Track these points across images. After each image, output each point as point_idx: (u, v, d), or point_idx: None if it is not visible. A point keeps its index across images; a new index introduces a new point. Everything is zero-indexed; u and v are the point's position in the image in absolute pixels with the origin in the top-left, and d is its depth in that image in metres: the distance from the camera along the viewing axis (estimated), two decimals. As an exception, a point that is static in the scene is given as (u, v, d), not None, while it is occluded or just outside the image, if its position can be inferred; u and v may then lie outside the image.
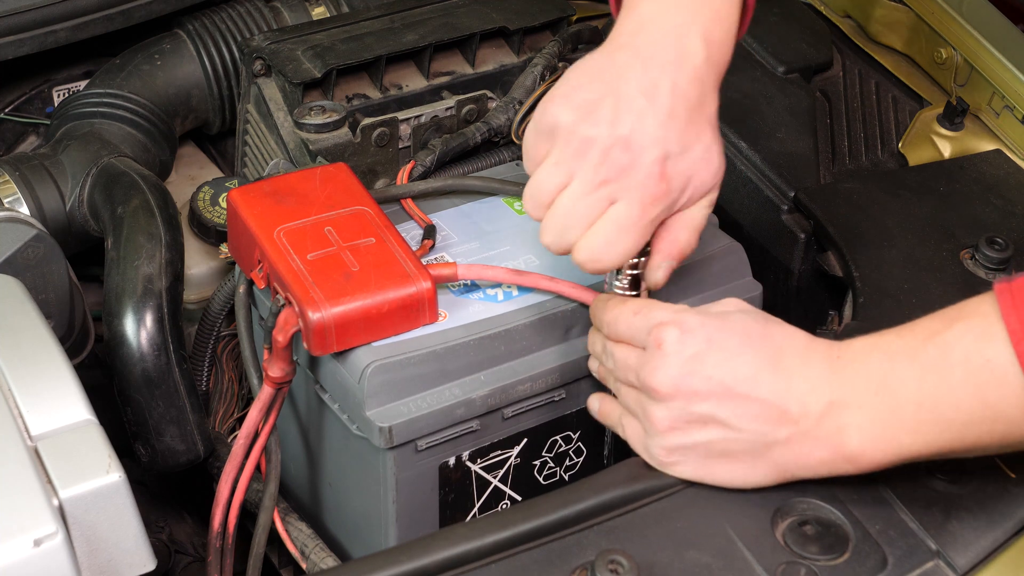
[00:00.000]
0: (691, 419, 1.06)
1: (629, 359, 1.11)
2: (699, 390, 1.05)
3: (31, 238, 1.30)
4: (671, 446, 1.07)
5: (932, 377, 1.01)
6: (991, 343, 0.99)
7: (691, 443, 1.06)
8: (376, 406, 1.19)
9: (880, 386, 1.03)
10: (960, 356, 1.00)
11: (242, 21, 1.64)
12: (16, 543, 0.98)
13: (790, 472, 1.06)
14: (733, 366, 1.05)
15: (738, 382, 1.05)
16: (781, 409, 1.04)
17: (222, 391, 1.47)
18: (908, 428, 1.02)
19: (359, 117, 1.46)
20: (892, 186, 1.43)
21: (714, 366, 1.05)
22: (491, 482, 1.27)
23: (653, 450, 1.09)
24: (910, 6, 1.63)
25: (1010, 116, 1.51)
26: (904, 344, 1.04)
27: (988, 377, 0.99)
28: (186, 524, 1.53)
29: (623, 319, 1.13)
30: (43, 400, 1.08)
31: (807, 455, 1.05)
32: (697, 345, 1.06)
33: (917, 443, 1.02)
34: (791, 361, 1.06)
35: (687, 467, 1.08)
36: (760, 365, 1.05)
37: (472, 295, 1.27)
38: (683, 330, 1.07)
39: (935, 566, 1.05)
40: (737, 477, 1.07)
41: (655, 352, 1.07)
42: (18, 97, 1.64)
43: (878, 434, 1.03)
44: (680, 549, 1.04)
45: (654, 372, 1.07)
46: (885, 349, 1.04)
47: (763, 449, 1.05)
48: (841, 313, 1.34)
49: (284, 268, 1.22)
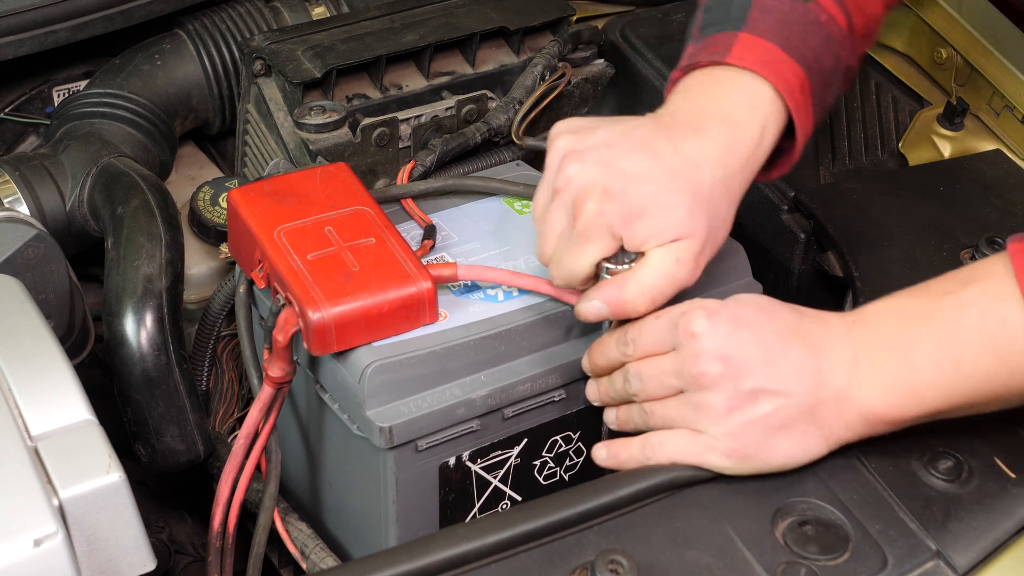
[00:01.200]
0: (744, 396, 1.07)
1: (663, 364, 1.11)
2: (742, 365, 1.07)
3: (31, 238, 1.30)
4: (735, 429, 1.07)
5: (948, 336, 1.04)
6: (1006, 302, 1.02)
7: (751, 420, 1.07)
8: (376, 406, 1.19)
9: (897, 345, 1.06)
10: (975, 316, 1.04)
11: (242, 21, 1.64)
12: (16, 543, 0.98)
13: (835, 436, 1.08)
14: (763, 337, 1.08)
15: (773, 350, 1.07)
16: (815, 367, 1.07)
17: (222, 391, 1.47)
18: (928, 384, 1.05)
19: (359, 117, 1.46)
20: (892, 186, 1.44)
21: (748, 340, 1.08)
22: (491, 482, 1.27)
23: (719, 442, 1.08)
24: (910, 6, 1.63)
25: (1010, 116, 1.51)
26: (919, 305, 1.07)
27: (1004, 335, 1.02)
28: (186, 524, 1.53)
29: (645, 328, 1.13)
30: (43, 400, 1.08)
31: (845, 412, 1.07)
32: (727, 324, 1.08)
33: (939, 399, 1.05)
34: (810, 326, 1.09)
35: (754, 451, 1.08)
36: (785, 333, 1.08)
37: (472, 295, 1.27)
38: (709, 312, 1.09)
39: (935, 566, 1.05)
40: (798, 450, 1.08)
41: (690, 341, 1.08)
42: (18, 97, 1.64)
43: (899, 391, 1.06)
44: (680, 549, 1.04)
45: (697, 359, 1.08)
46: (899, 311, 1.08)
47: (811, 411, 1.07)
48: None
49: (284, 268, 1.22)
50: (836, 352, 1.07)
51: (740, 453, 1.08)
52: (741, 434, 1.07)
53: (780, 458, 1.08)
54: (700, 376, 1.08)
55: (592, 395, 1.21)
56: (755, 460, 1.08)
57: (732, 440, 1.08)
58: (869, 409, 1.07)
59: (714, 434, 1.08)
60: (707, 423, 1.08)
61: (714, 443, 1.08)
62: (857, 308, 1.10)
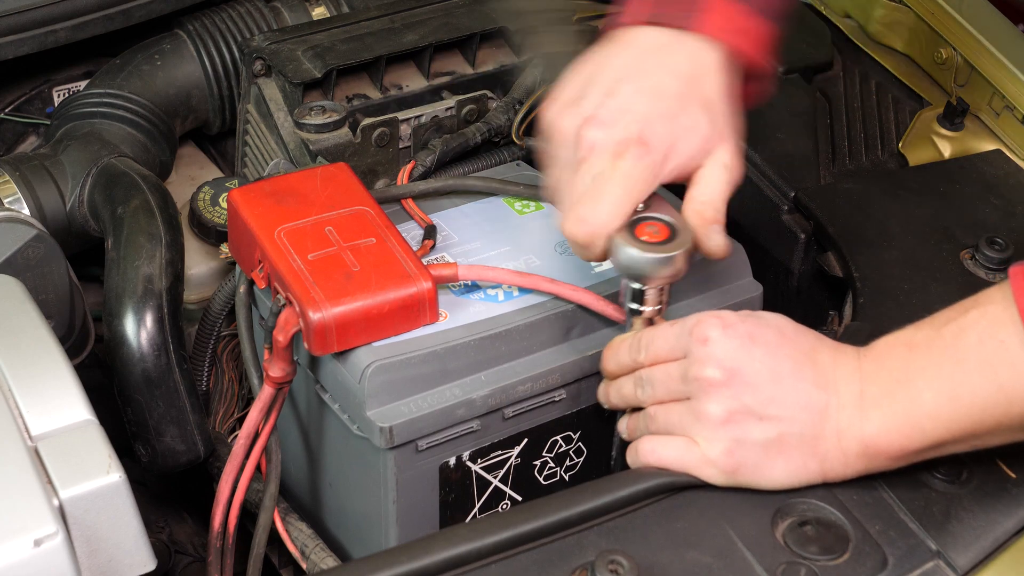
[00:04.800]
0: (744, 412, 1.06)
1: (671, 369, 1.11)
2: (747, 381, 1.06)
3: (31, 238, 1.30)
4: (730, 444, 1.06)
5: (948, 363, 1.03)
6: (1004, 326, 1.01)
7: (748, 439, 1.06)
8: (376, 406, 1.19)
9: (901, 377, 1.05)
10: (974, 340, 1.02)
11: (242, 21, 1.63)
12: (16, 543, 0.98)
13: (834, 471, 1.07)
14: (776, 360, 1.07)
15: (783, 375, 1.06)
16: (823, 402, 1.06)
17: (222, 391, 1.47)
18: (929, 414, 1.04)
19: (359, 117, 1.46)
20: (892, 186, 1.44)
21: (758, 359, 1.07)
22: (491, 482, 1.27)
23: (713, 455, 1.07)
24: (910, 6, 1.63)
25: (1010, 116, 1.51)
26: (923, 335, 1.06)
27: (1001, 359, 1.01)
28: (186, 524, 1.53)
29: (659, 333, 1.13)
30: (43, 400, 1.08)
31: (846, 448, 1.06)
32: (740, 338, 1.08)
33: (939, 429, 1.04)
34: (824, 356, 1.08)
35: (749, 471, 1.07)
36: (800, 359, 1.07)
37: (473, 295, 1.27)
38: (725, 323, 1.09)
39: (935, 566, 1.05)
40: (793, 477, 1.07)
41: (701, 347, 1.08)
42: (18, 97, 1.64)
43: (901, 423, 1.04)
44: (680, 549, 1.04)
45: (704, 363, 1.07)
46: (906, 342, 1.07)
47: (812, 443, 1.06)
48: (841, 313, 1.34)
49: (285, 268, 1.22)
50: (846, 387, 1.06)
51: (733, 469, 1.07)
52: (737, 450, 1.07)
53: (773, 482, 1.08)
54: (702, 381, 1.07)
55: (602, 397, 1.20)
56: (747, 479, 1.08)
57: (727, 456, 1.07)
58: (870, 443, 1.05)
59: (709, 446, 1.07)
60: (704, 433, 1.07)
61: (708, 455, 1.07)
62: (870, 344, 1.09)
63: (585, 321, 1.26)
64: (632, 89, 1.15)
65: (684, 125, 1.14)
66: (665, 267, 1.14)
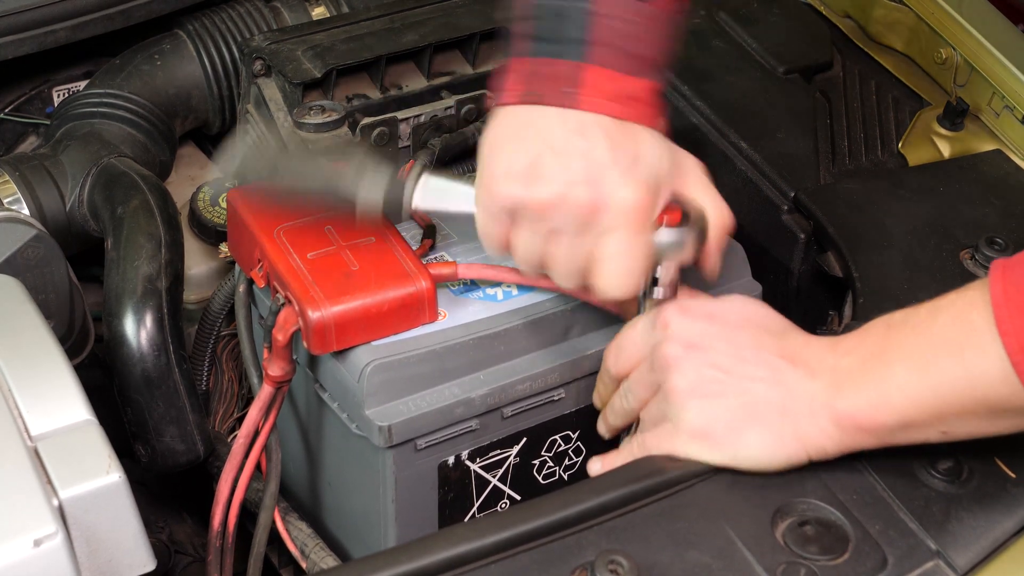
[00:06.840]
0: (708, 379, 1.08)
1: (642, 367, 1.13)
2: (708, 349, 1.09)
3: (31, 238, 1.30)
4: (697, 411, 1.08)
5: (921, 340, 1.04)
6: (976, 308, 1.01)
7: (715, 404, 1.08)
8: (375, 405, 1.19)
9: (877, 351, 1.06)
10: (946, 319, 1.03)
11: (242, 21, 1.64)
12: (16, 543, 0.98)
13: (813, 441, 1.07)
14: (735, 332, 1.10)
15: (744, 343, 1.09)
16: (789, 368, 1.08)
17: (222, 391, 1.47)
18: (899, 388, 1.04)
19: (359, 117, 1.46)
20: (892, 186, 1.43)
21: (718, 332, 1.10)
22: (490, 481, 1.27)
23: (684, 424, 1.08)
24: (910, 6, 1.63)
25: (1010, 116, 1.51)
26: (903, 315, 1.07)
27: (969, 340, 1.01)
28: (186, 524, 1.53)
29: (627, 334, 1.16)
30: (43, 400, 1.08)
31: (818, 416, 1.06)
32: (699, 317, 1.11)
33: (908, 407, 1.04)
34: (794, 335, 1.11)
35: (722, 437, 1.08)
36: (761, 335, 1.10)
37: (472, 294, 1.27)
38: (683, 308, 1.12)
39: (935, 566, 1.05)
40: (770, 447, 1.07)
41: (662, 332, 1.11)
42: (18, 97, 1.64)
43: (872, 396, 1.05)
44: (680, 549, 1.04)
45: (664, 344, 1.10)
46: (886, 321, 1.08)
47: (781, 409, 1.07)
48: (841, 313, 1.34)
49: (284, 267, 1.22)
50: (817, 361, 1.07)
51: (704, 435, 1.08)
52: (705, 415, 1.08)
53: (751, 451, 1.08)
54: (665, 360, 1.10)
55: (603, 429, 1.22)
56: (723, 448, 1.08)
57: (697, 422, 1.08)
58: (843, 416, 1.06)
59: (680, 418, 1.08)
60: (674, 409, 1.09)
61: (680, 426, 1.09)
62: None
63: (584, 320, 1.26)
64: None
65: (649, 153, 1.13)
66: (678, 248, 1.15)
